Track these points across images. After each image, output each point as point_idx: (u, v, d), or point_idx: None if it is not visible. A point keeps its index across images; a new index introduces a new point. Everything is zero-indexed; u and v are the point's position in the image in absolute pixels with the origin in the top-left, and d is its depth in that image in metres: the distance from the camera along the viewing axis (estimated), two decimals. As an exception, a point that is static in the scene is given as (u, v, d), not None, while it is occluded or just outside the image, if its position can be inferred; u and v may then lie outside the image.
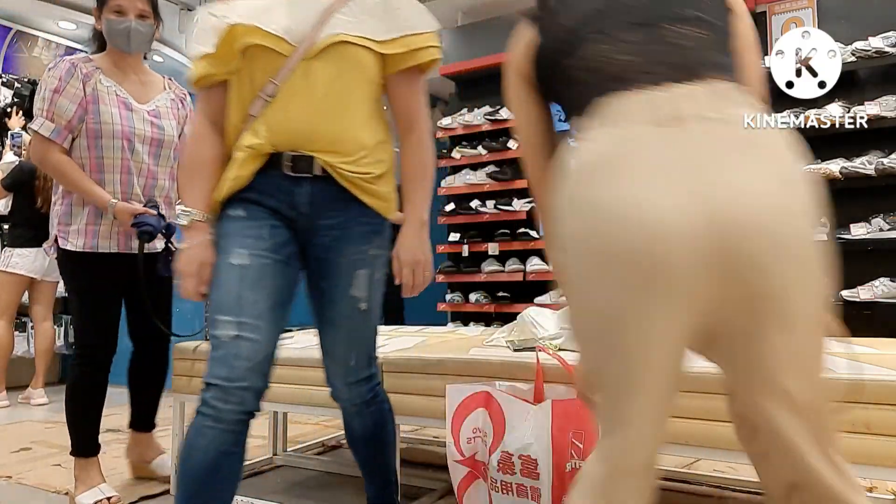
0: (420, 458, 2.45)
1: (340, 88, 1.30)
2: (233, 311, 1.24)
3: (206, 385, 1.23)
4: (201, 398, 1.23)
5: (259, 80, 1.27)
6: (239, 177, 1.29)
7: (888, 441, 1.20)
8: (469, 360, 1.67)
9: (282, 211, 1.32)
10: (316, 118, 1.29)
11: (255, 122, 1.28)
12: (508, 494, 1.44)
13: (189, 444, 1.23)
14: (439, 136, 5.01)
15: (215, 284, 1.28)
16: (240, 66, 1.29)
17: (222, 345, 1.23)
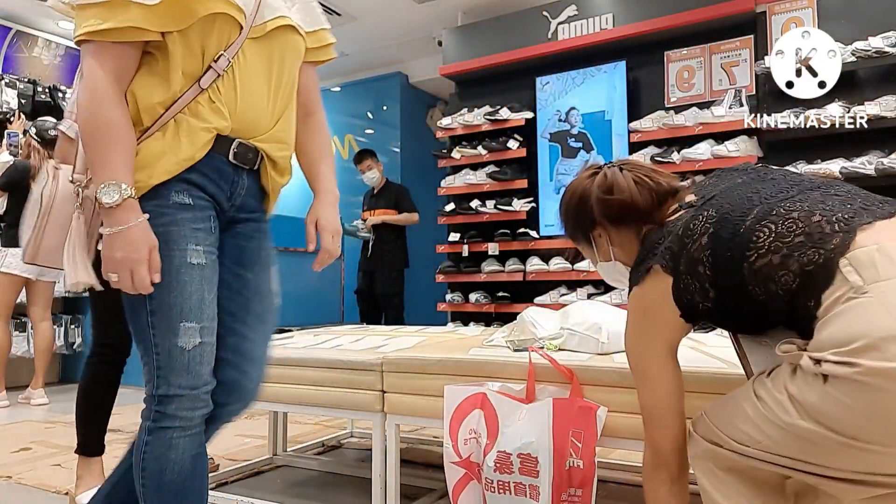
0: (420, 458, 2.45)
1: (287, 78, 1.26)
2: (197, 318, 1.15)
3: (166, 397, 1.14)
4: (160, 411, 1.14)
5: (212, 50, 1.14)
6: (192, 158, 1.15)
7: (888, 441, 1.20)
8: (468, 360, 1.67)
9: (219, 200, 1.22)
10: (265, 106, 1.22)
11: (213, 97, 1.15)
12: (505, 494, 1.44)
13: (159, 458, 1.15)
14: (439, 136, 5.01)
15: (175, 286, 1.13)
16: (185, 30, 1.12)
17: (184, 354, 1.14)
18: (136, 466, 1.18)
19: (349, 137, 6.72)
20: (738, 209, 1.03)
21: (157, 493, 1.17)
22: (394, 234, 4.79)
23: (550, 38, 4.59)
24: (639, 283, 1.13)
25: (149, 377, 1.16)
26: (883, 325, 0.81)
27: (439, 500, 2.01)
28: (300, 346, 2.07)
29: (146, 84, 1.14)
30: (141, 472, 1.17)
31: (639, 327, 1.16)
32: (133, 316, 1.17)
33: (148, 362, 1.16)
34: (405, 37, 5.92)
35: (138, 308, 1.15)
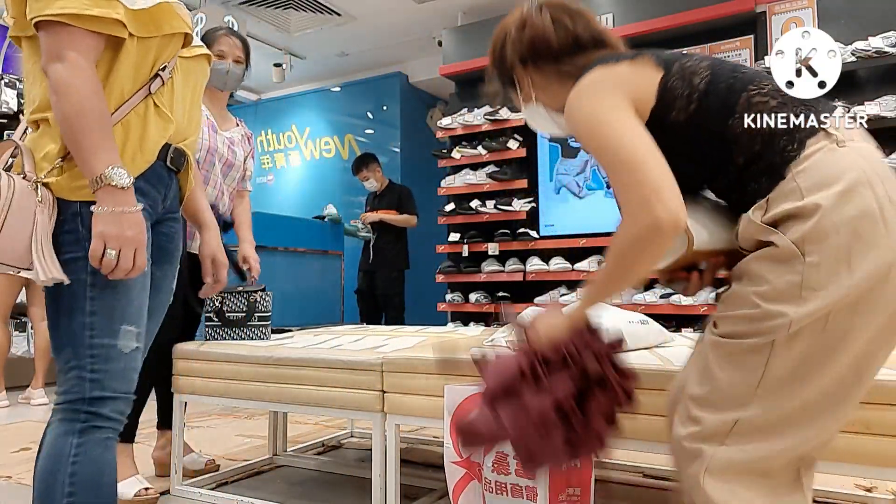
0: (420, 458, 2.45)
1: (199, 95, 1.35)
2: (136, 322, 1.18)
3: (101, 399, 1.13)
4: (94, 412, 1.13)
5: (161, 61, 1.20)
6: (148, 163, 1.19)
7: (888, 441, 1.20)
8: (469, 360, 1.67)
9: (156, 203, 1.25)
10: (188, 116, 1.29)
11: (157, 102, 1.19)
12: (503, 495, 1.44)
13: (96, 461, 1.13)
14: (439, 136, 5.01)
15: (121, 288, 1.14)
16: (147, 39, 1.17)
17: (122, 357, 1.15)
18: (57, 476, 1.11)
19: (349, 137, 6.73)
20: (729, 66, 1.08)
21: (94, 498, 1.13)
22: (394, 234, 4.79)
23: (550, 38, 4.58)
24: (607, 63, 1.06)
25: (75, 382, 1.13)
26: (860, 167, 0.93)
27: (439, 500, 2.01)
28: (300, 346, 2.07)
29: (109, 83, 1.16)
30: (69, 480, 1.11)
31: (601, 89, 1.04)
32: (64, 318, 1.14)
33: (77, 366, 1.13)
34: (405, 37, 5.93)
35: (75, 309, 1.13)
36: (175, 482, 2.13)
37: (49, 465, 1.13)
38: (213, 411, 3.51)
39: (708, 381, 0.99)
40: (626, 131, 0.99)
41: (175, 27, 1.20)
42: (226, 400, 2.08)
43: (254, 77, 6.86)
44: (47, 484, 1.12)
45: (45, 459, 1.14)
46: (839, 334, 0.91)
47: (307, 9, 5.38)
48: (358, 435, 2.94)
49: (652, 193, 0.93)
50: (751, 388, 0.94)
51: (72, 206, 1.13)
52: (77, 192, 1.13)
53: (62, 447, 1.12)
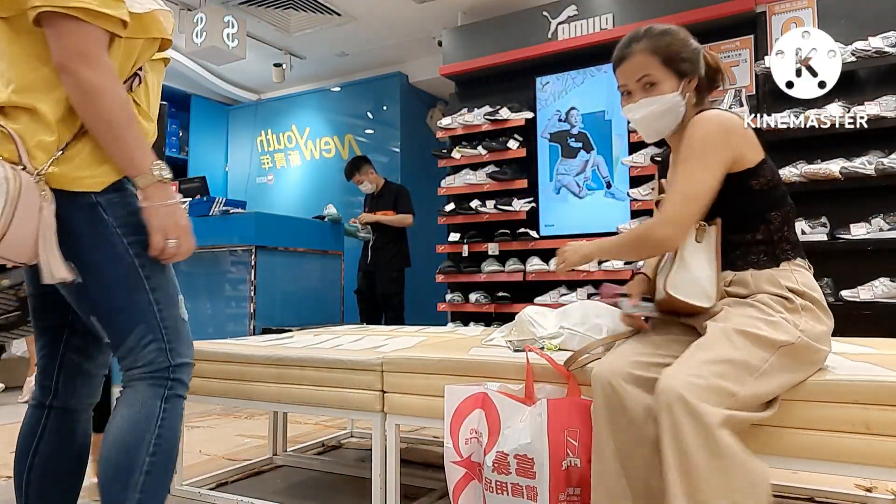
0: (420, 458, 2.45)
1: (158, 94, 1.38)
2: (180, 291, 1.28)
3: (181, 366, 1.24)
4: (177, 378, 1.23)
5: (141, 60, 1.23)
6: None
7: (888, 441, 1.20)
8: (469, 360, 1.67)
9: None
10: (155, 116, 1.34)
11: (138, 100, 1.24)
12: (503, 494, 1.44)
13: (173, 427, 1.22)
14: (439, 136, 5.01)
15: (163, 265, 1.23)
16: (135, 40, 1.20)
17: (185, 324, 1.27)
18: (145, 436, 1.18)
19: (349, 137, 6.73)
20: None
21: (167, 463, 1.21)
22: (393, 234, 4.79)
23: (550, 38, 4.59)
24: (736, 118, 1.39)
25: (156, 354, 1.21)
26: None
27: (439, 500, 2.01)
28: (300, 346, 2.07)
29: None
30: (154, 441, 1.19)
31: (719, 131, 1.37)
32: (128, 300, 1.19)
33: (155, 339, 1.21)
34: (405, 37, 5.92)
35: (134, 289, 1.19)
36: (175, 482, 2.13)
37: (137, 426, 1.19)
38: (213, 411, 3.51)
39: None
40: (712, 174, 1.36)
41: (160, 32, 1.23)
42: (226, 400, 2.07)
43: (254, 77, 6.86)
44: (134, 444, 1.18)
45: (135, 419, 1.19)
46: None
47: (307, 9, 5.37)
48: (358, 435, 2.94)
49: (685, 219, 1.36)
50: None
51: (84, 198, 1.14)
52: (84, 181, 1.13)
53: (151, 410, 1.20)
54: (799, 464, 1.29)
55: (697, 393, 1.15)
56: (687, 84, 1.44)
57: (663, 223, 1.37)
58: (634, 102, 1.47)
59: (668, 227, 1.37)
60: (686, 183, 1.37)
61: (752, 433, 1.29)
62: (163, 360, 1.22)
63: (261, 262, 4.17)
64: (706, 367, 1.20)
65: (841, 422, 1.23)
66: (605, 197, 4.33)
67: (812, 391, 1.27)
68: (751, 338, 1.25)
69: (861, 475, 1.73)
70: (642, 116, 1.47)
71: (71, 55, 1.07)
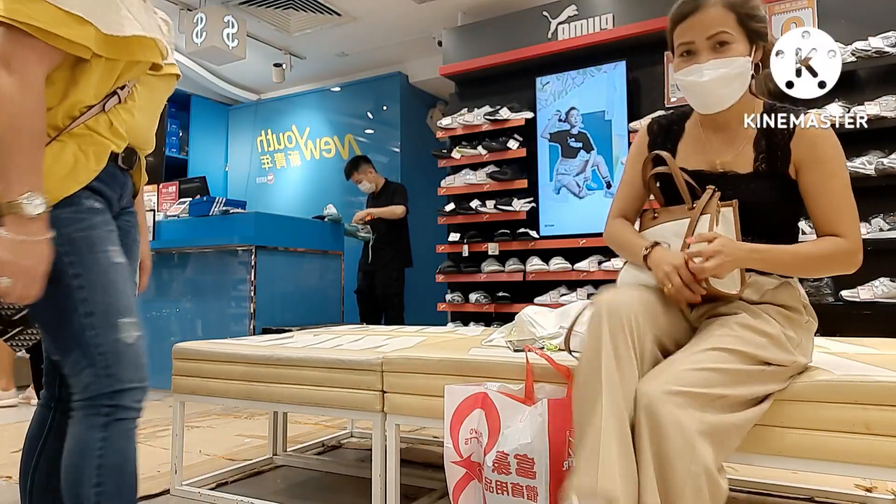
0: (420, 458, 2.45)
1: (161, 108, 1.40)
2: (131, 313, 1.21)
3: (121, 392, 1.16)
4: (116, 405, 1.16)
5: (123, 79, 1.22)
6: (97, 170, 1.20)
7: (888, 441, 1.20)
8: (469, 360, 1.67)
9: (112, 202, 1.28)
10: (149, 129, 1.34)
11: (113, 119, 1.22)
12: (503, 494, 1.44)
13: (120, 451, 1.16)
14: (439, 136, 5.01)
15: (108, 286, 1.17)
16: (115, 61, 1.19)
17: (129, 348, 1.19)
18: (85, 469, 1.14)
19: (349, 137, 6.73)
20: None
21: (117, 491, 1.15)
22: (394, 234, 4.79)
23: (550, 38, 4.59)
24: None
25: (91, 379, 1.15)
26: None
27: (439, 500, 2.01)
28: (300, 346, 2.07)
29: (64, 96, 1.15)
30: (96, 472, 1.14)
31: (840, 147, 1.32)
32: (59, 321, 1.16)
33: (90, 364, 1.15)
34: (405, 37, 5.93)
35: (68, 312, 1.14)
36: (175, 482, 2.13)
37: (75, 460, 1.15)
38: (213, 411, 3.51)
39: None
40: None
41: (147, 57, 1.22)
42: (226, 400, 2.07)
43: (254, 77, 6.86)
44: (75, 478, 1.15)
45: (70, 455, 1.16)
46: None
47: (307, 9, 5.37)
48: (358, 435, 2.94)
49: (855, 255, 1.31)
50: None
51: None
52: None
53: (87, 442, 1.15)
54: (799, 464, 1.28)
55: (677, 400, 1.10)
56: (755, 52, 1.32)
57: (859, 249, 1.31)
58: (701, 63, 1.29)
59: (860, 253, 1.31)
60: (851, 201, 1.31)
61: (752, 433, 1.29)
62: (97, 386, 1.15)
63: (261, 262, 4.17)
64: (690, 375, 1.15)
65: (841, 422, 1.23)
66: (606, 197, 4.32)
67: (812, 391, 1.27)
68: (738, 354, 1.20)
69: (861, 475, 1.73)
70: (711, 79, 1.29)
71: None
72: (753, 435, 1.29)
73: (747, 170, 1.34)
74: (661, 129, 1.50)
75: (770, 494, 2.04)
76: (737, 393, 1.18)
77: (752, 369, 1.21)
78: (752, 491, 2.06)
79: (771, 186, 1.33)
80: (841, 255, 1.30)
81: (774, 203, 1.33)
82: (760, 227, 1.33)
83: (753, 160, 1.34)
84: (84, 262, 1.15)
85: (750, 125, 1.35)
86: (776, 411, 1.28)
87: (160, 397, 3.59)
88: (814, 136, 1.31)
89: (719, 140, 1.39)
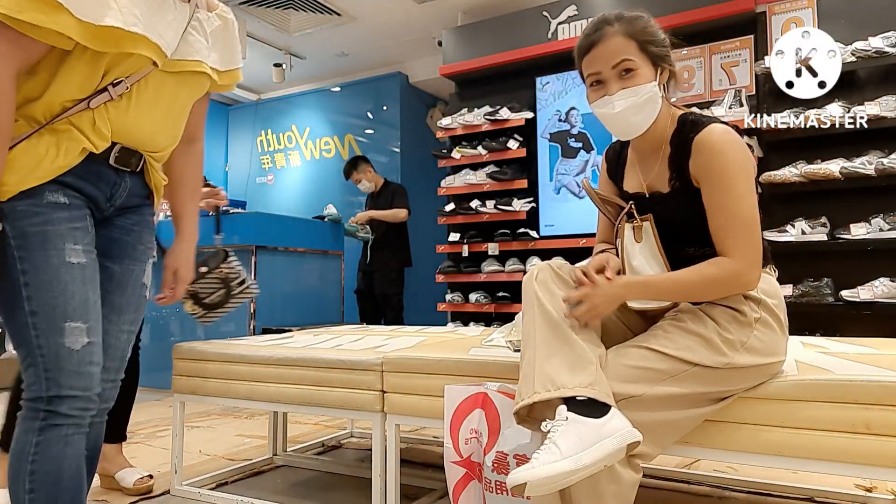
0: (420, 458, 2.45)
1: (180, 108, 1.32)
2: (83, 317, 1.14)
3: (58, 398, 1.12)
4: (52, 411, 1.12)
5: (115, 74, 1.16)
6: (67, 166, 1.15)
7: (888, 441, 1.20)
8: (469, 360, 1.67)
9: (96, 200, 1.23)
10: (155, 129, 1.27)
11: (96, 117, 1.16)
12: (503, 494, 1.44)
13: (55, 458, 1.11)
14: (439, 136, 5.01)
15: (56, 285, 1.12)
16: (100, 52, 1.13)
17: (73, 354, 1.13)
18: (20, 473, 1.11)
19: (349, 137, 6.73)
20: None
21: (52, 500, 1.12)
22: (394, 233, 4.79)
23: (550, 38, 4.59)
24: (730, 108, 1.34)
25: (34, 379, 1.13)
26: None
27: (439, 500, 2.01)
28: (300, 346, 2.07)
29: (41, 89, 1.12)
30: (29, 478, 1.11)
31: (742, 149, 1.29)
32: (7, 315, 1.14)
33: (32, 363, 1.12)
34: (405, 37, 5.92)
35: (14, 308, 1.12)
36: (175, 482, 2.13)
37: (13, 462, 1.13)
38: (213, 411, 3.51)
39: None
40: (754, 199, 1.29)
41: (137, 50, 1.14)
42: (226, 400, 2.07)
43: (254, 77, 6.86)
44: (12, 481, 1.13)
45: (11, 455, 1.14)
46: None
47: (307, 9, 5.37)
48: (358, 435, 2.94)
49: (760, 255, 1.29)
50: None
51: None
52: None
53: (23, 445, 1.13)
54: (799, 464, 1.28)
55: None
56: (660, 75, 1.34)
57: (750, 268, 1.26)
58: (612, 94, 1.31)
59: (755, 271, 1.26)
60: (745, 214, 1.26)
61: (752, 432, 1.30)
62: (37, 388, 1.12)
63: (261, 262, 4.17)
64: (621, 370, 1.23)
65: (841, 422, 1.23)
66: (605, 197, 4.32)
67: (812, 391, 1.27)
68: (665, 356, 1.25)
69: (861, 475, 1.73)
70: (622, 109, 1.31)
71: None
72: (754, 435, 1.29)
73: (666, 188, 1.37)
74: (614, 154, 1.56)
75: (770, 494, 2.04)
76: (654, 392, 1.22)
77: (673, 369, 1.24)
78: (752, 491, 2.06)
79: (687, 203, 1.33)
80: (726, 277, 1.26)
81: (692, 218, 1.32)
82: (686, 240, 1.35)
83: (668, 178, 1.36)
84: (33, 258, 1.11)
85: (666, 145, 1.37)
86: (776, 411, 1.28)
87: (160, 397, 3.60)
88: (707, 149, 1.28)
89: (645, 162, 1.44)
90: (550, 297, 1.29)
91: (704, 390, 1.26)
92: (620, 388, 1.21)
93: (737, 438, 1.31)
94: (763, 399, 1.29)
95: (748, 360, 1.26)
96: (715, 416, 1.30)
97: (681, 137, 1.34)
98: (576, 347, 1.23)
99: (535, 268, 1.35)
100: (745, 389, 1.30)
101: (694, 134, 1.30)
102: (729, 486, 2.11)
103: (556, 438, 1.11)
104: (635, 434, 1.14)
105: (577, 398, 1.16)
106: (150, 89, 1.22)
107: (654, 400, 1.22)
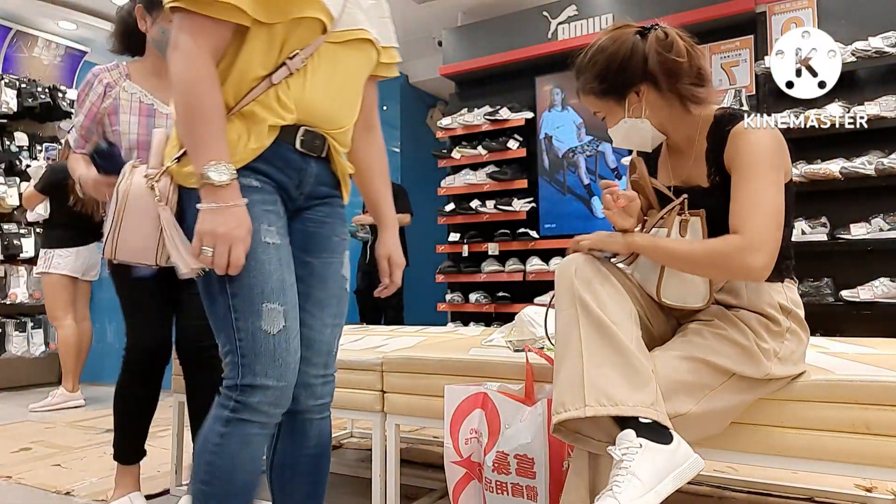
0: (420, 458, 2.45)
1: (356, 81, 1.30)
2: (279, 299, 1.13)
3: (251, 387, 1.11)
4: (242, 401, 1.11)
5: (290, 47, 1.16)
6: (259, 148, 1.16)
7: (888, 441, 1.20)
8: (469, 360, 1.67)
9: (286, 187, 1.23)
10: (334, 104, 1.25)
11: (280, 92, 1.16)
12: (503, 494, 1.44)
13: (234, 456, 1.11)
14: (439, 136, 5.01)
15: (254, 266, 1.11)
16: (273, 25, 1.14)
17: (269, 338, 1.11)
18: (201, 461, 1.13)
19: (349, 137, 6.73)
20: None
21: (224, 496, 1.12)
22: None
23: (550, 38, 4.59)
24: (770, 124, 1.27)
25: (231, 367, 1.13)
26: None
27: (439, 500, 2.01)
28: (300, 346, 2.06)
29: (234, 70, 1.15)
30: (206, 468, 1.12)
31: (777, 145, 1.26)
32: (212, 304, 1.15)
33: (230, 350, 1.13)
34: (405, 37, 5.89)
35: (217, 294, 1.13)
36: (175, 482, 2.13)
37: (199, 445, 1.15)
38: (213, 411, 3.50)
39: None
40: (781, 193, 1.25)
41: (305, 12, 1.14)
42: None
43: (254, 77, 6.86)
44: (196, 462, 1.15)
45: (198, 437, 1.15)
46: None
47: (307, 9, 5.37)
48: (358, 435, 2.94)
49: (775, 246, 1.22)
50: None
51: (193, 194, 1.12)
52: (190, 178, 1.13)
53: (209, 433, 1.14)
54: (799, 464, 1.29)
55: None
56: (631, 101, 1.34)
57: (756, 249, 1.19)
58: (610, 128, 1.42)
59: (762, 256, 1.18)
60: (764, 201, 1.21)
61: (752, 432, 1.30)
62: (232, 375, 1.12)
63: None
64: (662, 383, 1.19)
65: (841, 422, 1.23)
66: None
67: (812, 391, 1.27)
68: (711, 366, 1.23)
69: (861, 475, 1.73)
70: (620, 139, 1.41)
71: (170, 46, 1.10)
72: (754, 435, 1.29)
73: (706, 183, 1.35)
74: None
75: (770, 494, 2.04)
76: (698, 409, 1.20)
77: (714, 381, 1.23)
78: (752, 491, 2.06)
79: (729, 198, 1.31)
80: (728, 251, 1.20)
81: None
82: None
83: (707, 174, 1.35)
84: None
85: (702, 139, 1.35)
86: (776, 411, 1.28)
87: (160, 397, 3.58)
88: (740, 139, 1.26)
89: (679, 158, 1.43)
90: (595, 298, 1.23)
91: (742, 399, 1.26)
92: (666, 406, 1.16)
93: (737, 438, 1.31)
94: (763, 399, 1.29)
95: (782, 370, 1.27)
96: (715, 416, 1.30)
97: (718, 131, 1.31)
98: (631, 359, 1.16)
99: (571, 261, 1.30)
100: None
101: (731, 126, 1.28)
102: (729, 486, 2.11)
103: (635, 469, 1.05)
104: (701, 463, 1.10)
105: (640, 419, 1.10)
106: (323, 63, 1.20)
107: (695, 418, 1.20)
